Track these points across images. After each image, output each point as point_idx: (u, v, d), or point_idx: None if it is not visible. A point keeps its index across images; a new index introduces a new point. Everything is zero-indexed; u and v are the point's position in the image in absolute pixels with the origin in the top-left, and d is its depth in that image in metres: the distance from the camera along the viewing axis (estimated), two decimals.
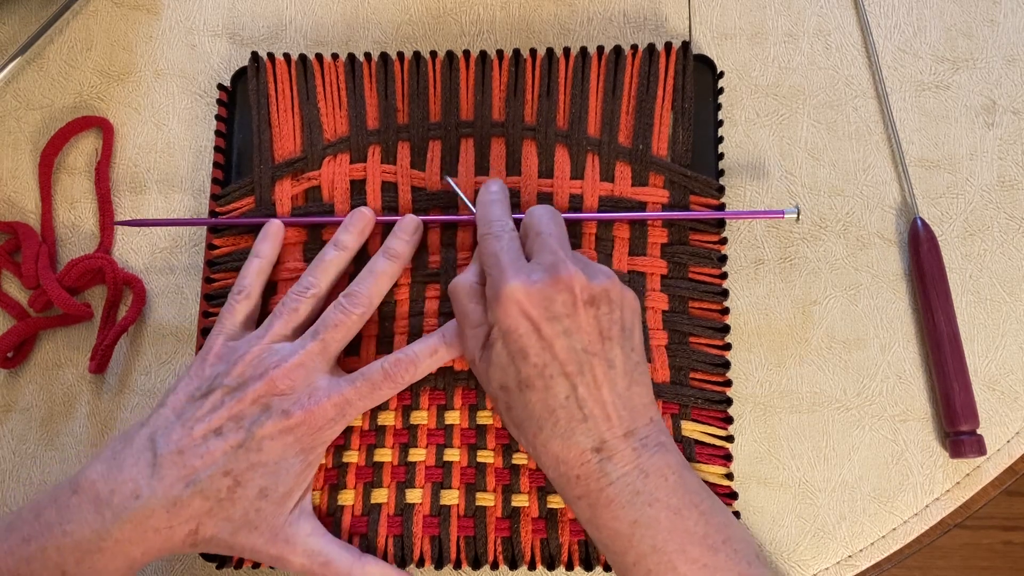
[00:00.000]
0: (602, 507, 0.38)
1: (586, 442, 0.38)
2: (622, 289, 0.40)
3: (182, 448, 0.39)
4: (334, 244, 0.45)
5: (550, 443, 0.38)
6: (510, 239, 0.41)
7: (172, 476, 0.38)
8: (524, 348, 0.38)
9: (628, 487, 0.37)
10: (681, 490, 0.38)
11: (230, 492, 0.39)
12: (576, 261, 0.40)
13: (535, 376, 0.38)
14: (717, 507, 0.39)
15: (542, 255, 0.40)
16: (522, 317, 0.38)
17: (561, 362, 0.38)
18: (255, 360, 0.41)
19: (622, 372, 0.39)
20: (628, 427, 0.38)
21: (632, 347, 0.40)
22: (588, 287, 0.39)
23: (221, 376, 0.41)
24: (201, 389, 0.41)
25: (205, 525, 0.39)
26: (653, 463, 0.38)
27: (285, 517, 0.40)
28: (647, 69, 0.48)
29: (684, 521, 0.37)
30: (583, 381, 0.38)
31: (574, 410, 0.38)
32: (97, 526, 0.38)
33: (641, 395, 0.39)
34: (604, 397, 0.38)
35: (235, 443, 0.39)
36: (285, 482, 0.40)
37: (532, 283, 0.39)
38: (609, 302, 0.39)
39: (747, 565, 0.37)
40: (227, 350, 0.42)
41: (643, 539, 0.37)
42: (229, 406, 0.40)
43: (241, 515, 0.39)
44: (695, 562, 0.36)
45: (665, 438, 0.39)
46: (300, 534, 0.41)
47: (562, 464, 0.38)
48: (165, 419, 0.40)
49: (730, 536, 0.38)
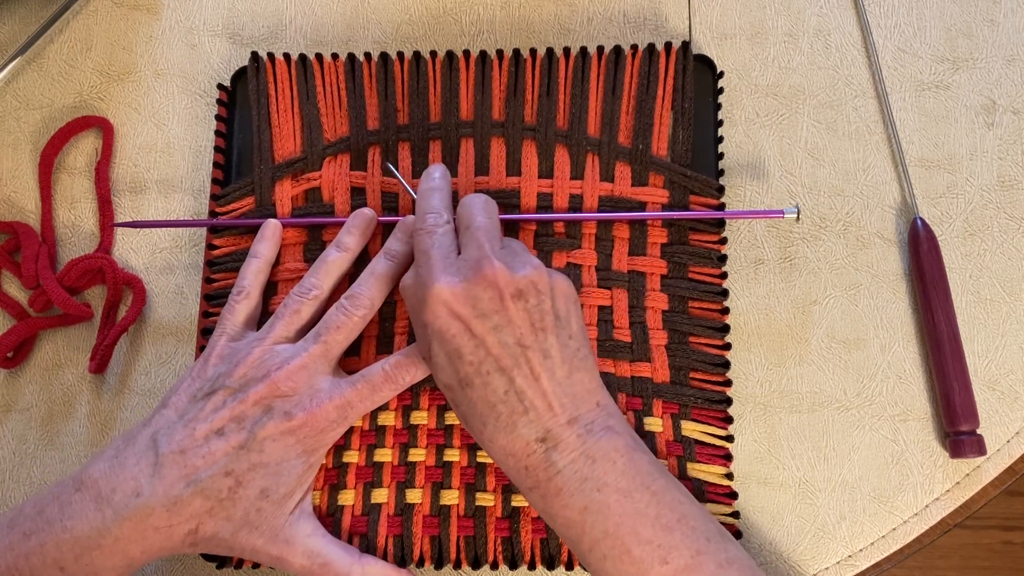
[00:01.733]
0: (552, 497, 0.38)
1: (530, 433, 0.38)
2: (551, 278, 0.40)
3: (184, 448, 0.39)
4: (336, 245, 0.45)
5: (496, 437, 0.38)
6: (442, 234, 0.41)
7: (173, 475, 0.38)
8: (458, 348, 0.38)
9: (575, 474, 0.37)
10: (631, 472, 0.38)
11: (231, 492, 0.39)
12: (504, 254, 0.39)
13: (473, 374, 0.38)
14: (671, 486, 0.38)
15: (468, 250, 0.40)
16: (451, 317, 0.38)
17: (496, 357, 0.38)
18: (257, 362, 0.41)
19: (560, 361, 0.38)
20: (572, 414, 0.38)
21: (570, 334, 0.39)
22: (513, 280, 0.38)
23: (223, 377, 0.41)
24: (203, 390, 0.41)
25: (205, 525, 0.39)
26: (600, 448, 0.38)
27: (285, 518, 0.40)
28: (647, 69, 0.48)
29: (635, 503, 0.37)
30: (520, 374, 0.38)
31: (514, 403, 0.38)
32: (97, 523, 0.38)
33: (584, 381, 0.39)
34: (544, 387, 0.38)
35: (237, 444, 0.39)
36: (286, 483, 0.40)
37: (457, 282, 0.38)
38: (537, 293, 0.39)
39: (705, 541, 0.37)
40: (229, 351, 0.42)
41: (595, 525, 0.37)
42: (231, 407, 0.40)
43: (242, 515, 0.39)
44: (649, 543, 0.36)
45: (614, 421, 0.39)
46: (300, 535, 0.41)
47: (510, 457, 0.38)
48: (167, 419, 0.40)
49: (685, 514, 0.37)
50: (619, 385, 0.44)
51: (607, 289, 0.46)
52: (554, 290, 0.39)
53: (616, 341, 0.45)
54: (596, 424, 0.38)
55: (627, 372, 0.45)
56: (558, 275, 0.40)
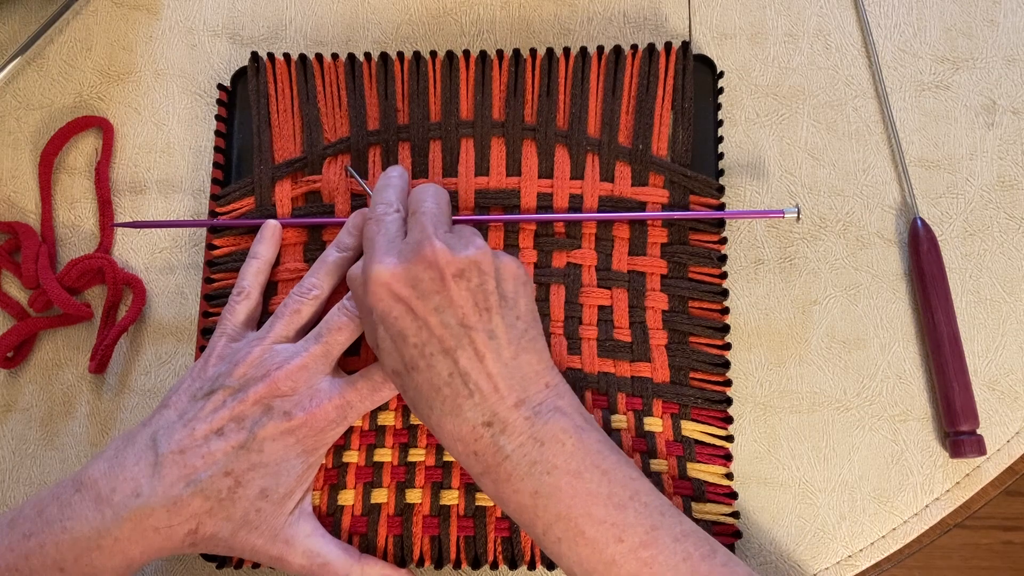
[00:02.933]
0: (503, 482, 0.37)
1: (476, 417, 0.37)
2: (497, 258, 0.39)
3: (183, 448, 0.39)
4: (336, 246, 0.45)
5: (443, 422, 0.38)
6: (391, 222, 0.41)
7: (173, 475, 0.38)
8: (402, 330, 0.38)
9: (525, 458, 0.37)
10: (580, 452, 0.37)
11: (231, 492, 0.39)
12: (448, 236, 0.39)
13: (417, 356, 0.38)
14: (622, 463, 0.38)
15: (412, 234, 0.39)
16: (393, 299, 0.38)
17: (439, 338, 0.37)
18: (257, 361, 0.41)
19: (506, 341, 0.38)
20: (519, 397, 0.38)
21: (517, 315, 0.39)
22: (454, 260, 0.38)
23: (223, 377, 0.41)
24: (203, 389, 0.41)
25: (205, 525, 0.39)
26: (548, 430, 0.37)
27: (285, 518, 0.40)
28: (647, 69, 0.48)
29: (586, 484, 0.37)
30: (464, 355, 0.37)
31: (459, 386, 0.37)
32: (97, 524, 0.38)
33: (531, 362, 0.39)
34: (489, 369, 0.37)
35: (236, 444, 0.39)
36: (286, 483, 0.40)
37: (397, 264, 0.38)
38: (480, 273, 0.38)
39: (659, 516, 0.37)
40: (229, 351, 0.42)
41: (547, 508, 0.37)
42: (231, 407, 0.40)
43: (241, 515, 0.39)
44: (602, 523, 0.36)
45: (563, 402, 0.39)
46: (300, 535, 0.41)
47: (459, 443, 0.38)
48: (167, 419, 0.40)
49: (637, 490, 0.37)
50: (619, 385, 0.44)
51: (607, 289, 0.46)
52: (500, 271, 0.39)
53: (616, 341, 0.45)
54: (544, 406, 0.38)
55: (627, 372, 0.45)
56: (505, 256, 0.40)
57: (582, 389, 0.44)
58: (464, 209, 0.47)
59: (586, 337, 0.45)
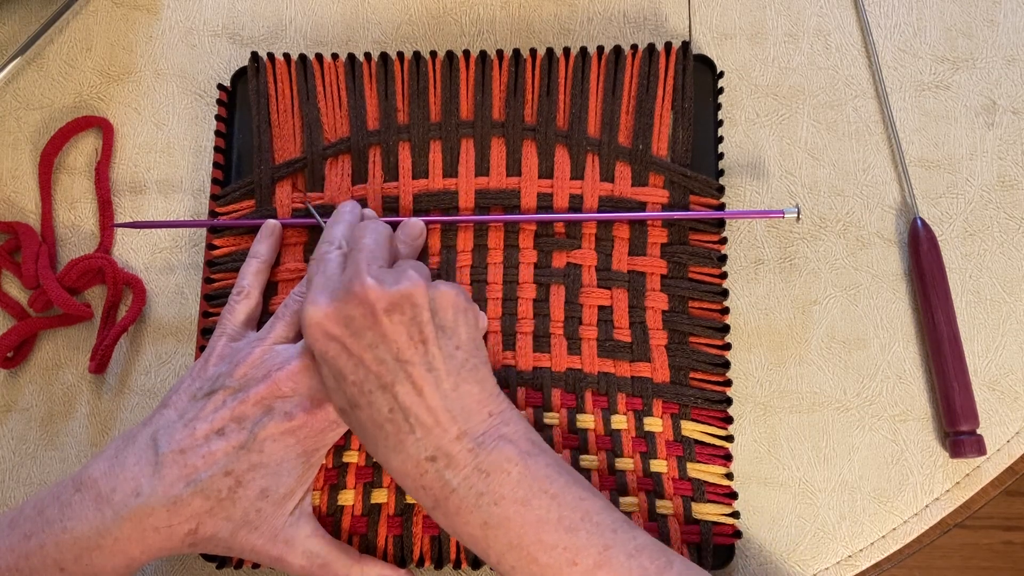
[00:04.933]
0: (453, 515, 0.37)
1: (420, 452, 0.37)
2: (433, 288, 0.39)
3: (184, 448, 0.39)
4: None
5: (390, 458, 0.38)
6: (331, 260, 0.40)
7: (173, 475, 0.38)
8: (340, 369, 0.38)
9: (471, 490, 0.37)
10: (527, 480, 0.37)
11: (231, 492, 0.39)
12: (382, 271, 0.39)
13: (357, 394, 0.38)
14: (572, 483, 0.38)
15: (346, 273, 0.39)
16: (327, 339, 0.38)
17: (376, 375, 0.37)
18: (258, 362, 0.41)
19: (445, 373, 0.38)
20: (461, 428, 0.37)
21: (457, 344, 0.38)
22: (385, 295, 0.37)
23: (224, 377, 0.41)
24: (203, 389, 0.41)
25: (205, 525, 0.39)
26: (492, 460, 0.37)
27: (285, 518, 0.40)
28: (647, 69, 0.48)
29: (534, 511, 0.36)
30: (403, 390, 0.37)
31: (400, 422, 0.37)
32: (97, 523, 0.38)
33: (473, 392, 0.38)
34: (429, 402, 0.37)
35: (237, 444, 0.39)
36: (286, 483, 0.40)
37: (329, 304, 0.38)
38: (413, 305, 0.38)
39: (612, 534, 0.37)
40: (229, 351, 0.42)
41: (498, 539, 0.36)
42: (231, 407, 0.40)
43: (241, 515, 0.39)
44: (554, 548, 0.36)
45: (508, 429, 0.38)
46: (300, 535, 0.41)
47: (407, 478, 0.38)
48: (167, 419, 0.40)
49: (588, 510, 0.37)
50: (619, 385, 0.44)
51: (607, 289, 0.46)
52: (435, 301, 0.38)
53: (616, 341, 0.45)
54: (488, 435, 0.37)
55: (627, 372, 0.45)
56: (444, 285, 0.39)
57: (582, 389, 0.44)
58: (464, 209, 0.47)
59: (586, 337, 0.45)
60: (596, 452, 0.44)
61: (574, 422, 0.44)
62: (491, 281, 0.46)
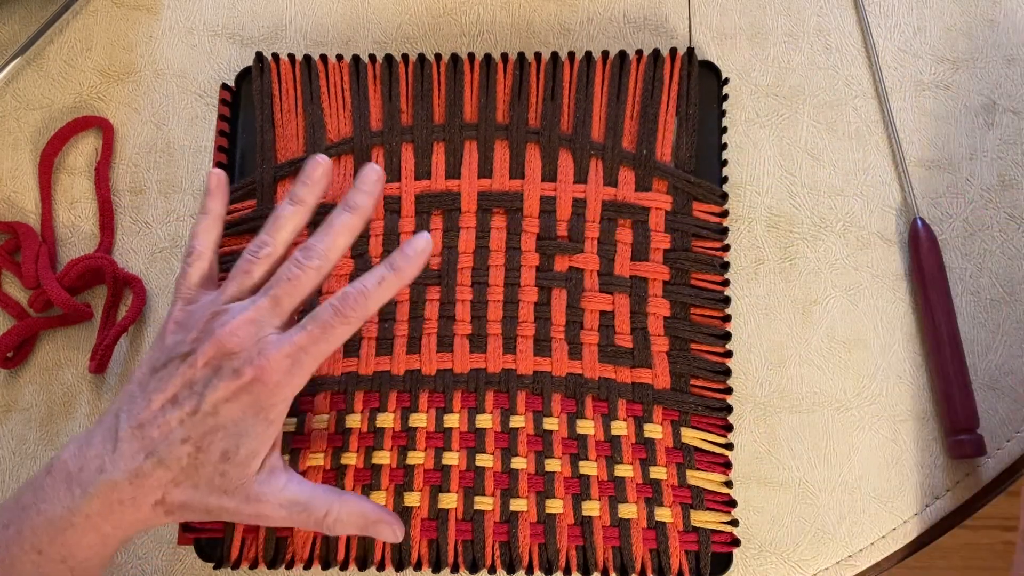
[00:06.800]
0: None
1: None
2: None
3: (142, 421, 0.39)
4: (290, 199, 0.42)
5: None
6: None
7: (132, 449, 0.38)
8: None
9: None
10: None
11: (191, 459, 0.38)
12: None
13: None
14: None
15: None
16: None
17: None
18: (207, 323, 0.40)
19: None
20: None
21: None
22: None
23: (178, 345, 0.40)
24: (161, 359, 0.40)
25: (171, 494, 0.39)
26: None
27: (252, 478, 0.39)
28: (651, 74, 0.48)
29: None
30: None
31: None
32: (68, 503, 0.38)
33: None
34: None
35: (190, 410, 0.38)
36: (247, 444, 0.39)
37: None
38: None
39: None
40: (184, 315, 0.41)
41: None
42: (182, 372, 0.39)
43: (206, 480, 0.39)
44: None
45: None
46: (273, 491, 0.40)
47: None
48: (130, 394, 0.40)
49: None
50: (619, 391, 0.44)
51: (609, 294, 0.46)
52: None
53: (617, 347, 0.45)
54: None
55: (628, 378, 0.45)
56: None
57: (582, 394, 0.44)
58: (467, 212, 0.47)
59: (587, 342, 0.45)
60: (596, 458, 0.44)
61: (574, 427, 0.44)
62: (492, 283, 0.46)
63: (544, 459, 0.44)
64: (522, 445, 0.44)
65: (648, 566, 0.42)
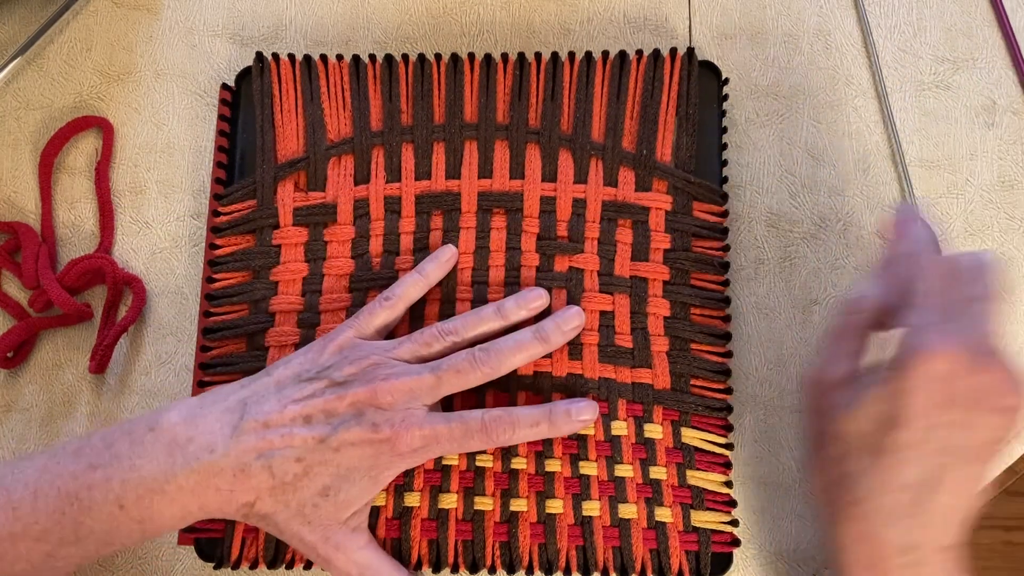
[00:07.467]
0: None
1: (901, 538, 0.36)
2: None
3: (269, 422, 0.39)
4: (497, 309, 0.44)
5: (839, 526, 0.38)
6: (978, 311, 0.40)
7: (249, 443, 0.39)
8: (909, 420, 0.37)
9: None
10: None
11: (296, 479, 0.39)
12: None
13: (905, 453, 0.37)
14: None
15: (976, 326, 0.39)
16: (934, 383, 0.37)
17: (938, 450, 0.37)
18: (370, 367, 0.41)
19: None
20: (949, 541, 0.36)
21: None
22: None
23: (333, 368, 0.41)
24: (310, 372, 0.41)
25: (263, 501, 0.39)
26: None
27: (340, 524, 0.40)
28: (652, 74, 0.48)
29: None
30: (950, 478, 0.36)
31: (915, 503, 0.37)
32: (166, 468, 0.38)
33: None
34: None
35: (319, 437, 0.39)
36: (348, 491, 0.40)
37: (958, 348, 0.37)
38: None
39: None
40: (350, 345, 0.42)
41: None
42: (326, 399, 0.40)
43: (298, 505, 0.39)
44: None
45: None
46: (352, 545, 0.41)
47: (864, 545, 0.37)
48: (264, 387, 0.41)
49: None
50: (620, 391, 0.44)
51: (609, 294, 0.46)
52: None
53: (617, 347, 0.45)
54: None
55: (628, 378, 0.45)
56: None
57: (582, 394, 0.44)
58: (467, 212, 0.47)
59: (587, 342, 0.45)
60: (596, 458, 0.44)
61: None
62: (492, 284, 0.46)
63: (544, 459, 0.44)
64: (522, 445, 0.44)
65: (648, 566, 0.43)
